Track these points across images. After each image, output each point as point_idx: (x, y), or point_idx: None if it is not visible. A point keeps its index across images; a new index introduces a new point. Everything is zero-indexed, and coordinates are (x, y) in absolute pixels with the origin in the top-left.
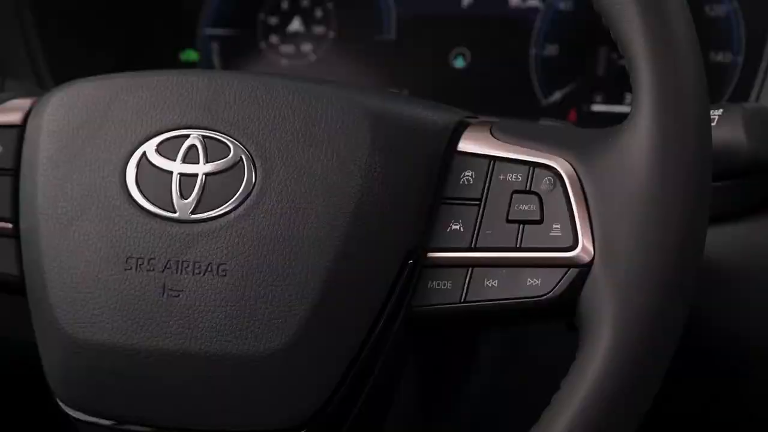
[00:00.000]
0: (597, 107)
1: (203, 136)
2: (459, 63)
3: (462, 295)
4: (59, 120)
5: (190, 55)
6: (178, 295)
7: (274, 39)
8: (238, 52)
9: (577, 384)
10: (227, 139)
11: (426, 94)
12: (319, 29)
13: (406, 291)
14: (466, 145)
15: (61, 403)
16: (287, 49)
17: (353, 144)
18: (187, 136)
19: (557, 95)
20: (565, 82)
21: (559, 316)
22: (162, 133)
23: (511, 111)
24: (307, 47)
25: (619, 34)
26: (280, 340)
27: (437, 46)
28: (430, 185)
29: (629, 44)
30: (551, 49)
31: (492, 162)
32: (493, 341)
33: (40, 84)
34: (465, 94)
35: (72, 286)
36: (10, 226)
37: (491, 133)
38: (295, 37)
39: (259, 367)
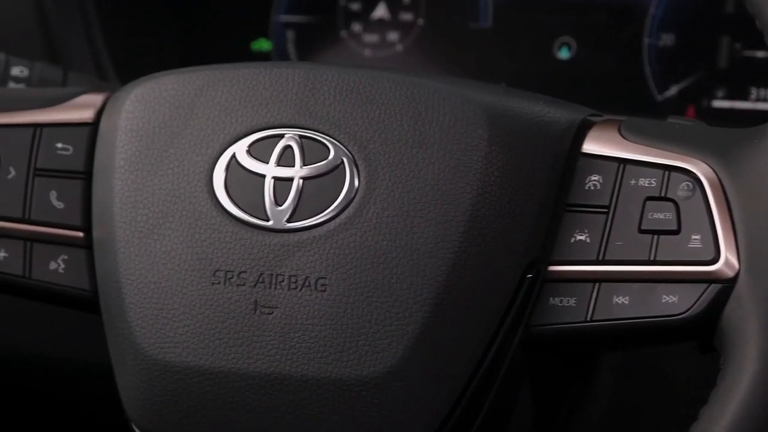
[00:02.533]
0: (718, 103)
1: (300, 136)
2: (563, 54)
3: (588, 312)
4: (138, 117)
5: (263, 44)
6: (272, 313)
7: (356, 27)
8: (315, 41)
9: (719, 414)
10: (326, 140)
11: (526, 88)
12: (406, 16)
13: (525, 308)
14: (592, 146)
15: None
16: (371, 37)
17: (468, 145)
18: (282, 135)
19: (674, 90)
20: (683, 75)
21: (698, 337)
22: (254, 132)
23: (622, 107)
24: (393, 36)
25: None
26: (386, 363)
27: (539, 35)
28: (553, 191)
29: None
30: (667, 39)
31: (622, 165)
32: (612, 362)
33: (102, 77)
34: (570, 88)
35: (153, 302)
36: (81, 235)
37: (620, 133)
38: (379, 25)
39: (363, 393)
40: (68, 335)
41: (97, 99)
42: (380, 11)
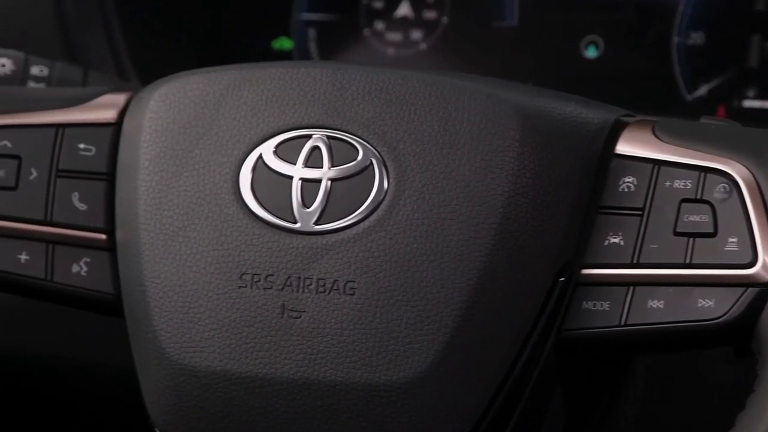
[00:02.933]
0: (749, 103)
1: (328, 137)
2: (591, 52)
3: (622, 317)
4: (163, 117)
5: (284, 43)
6: (300, 317)
7: (379, 25)
8: (337, 40)
9: (757, 420)
10: (355, 140)
11: (552, 87)
12: (430, 14)
13: (557, 312)
14: (625, 147)
15: None
16: (394, 36)
17: (499, 146)
18: (310, 136)
19: (703, 89)
20: (713, 75)
21: (734, 342)
22: (281, 132)
23: (651, 107)
24: (416, 34)
25: None
26: (417, 368)
27: (566, 33)
28: (586, 192)
29: None
30: (696, 37)
31: (656, 166)
32: (646, 366)
33: (122, 76)
34: (597, 87)
35: (178, 305)
36: (104, 237)
37: (654, 134)
38: (403, 23)
39: (392, 398)
40: (90, 339)
41: (119, 99)
42: (404, 9)
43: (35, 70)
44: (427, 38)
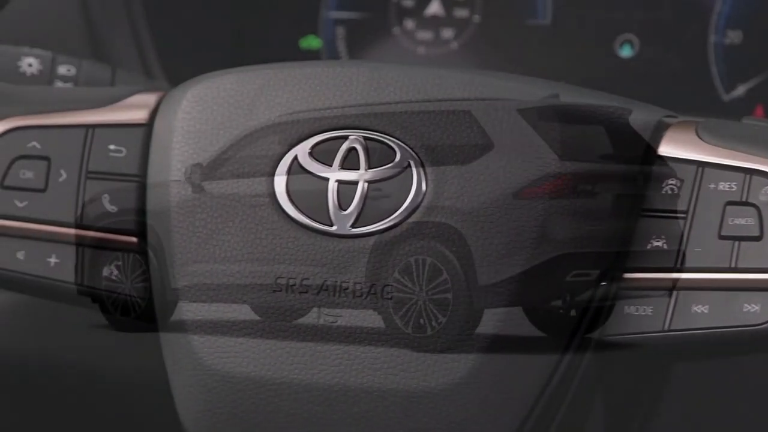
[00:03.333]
0: None
1: (365, 138)
2: (626, 51)
3: (665, 322)
4: (195, 118)
5: (312, 41)
6: (336, 321)
7: (409, 23)
8: (366, 39)
9: None
10: (392, 142)
11: (586, 87)
12: (461, 12)
13: (599, 317)
14: (668, 149)
15: None
16: (425, 34)
17: (539, 147)
18: (346, 137)
19: (741, 89)
20: (751, 74)
21: None
22: (316, 134)
23: (687, 108)
24: (447, 33)
25: None
26: (455, 374)
27: (600, 31)
28: (627, 195)
29: None
30: (734, 36)
31: (700, 168)
32: (686, 371)
33: (148, 74)
34: (632, 87)
35: (211, 310)
36: (135, 240)
37: (697, 135)
38: (433, 22)
39: (430, 405)
40: (120, 343)
41: (150, 99)
42: (434, 7)
43: (62, 69)
44: (458, 37)
